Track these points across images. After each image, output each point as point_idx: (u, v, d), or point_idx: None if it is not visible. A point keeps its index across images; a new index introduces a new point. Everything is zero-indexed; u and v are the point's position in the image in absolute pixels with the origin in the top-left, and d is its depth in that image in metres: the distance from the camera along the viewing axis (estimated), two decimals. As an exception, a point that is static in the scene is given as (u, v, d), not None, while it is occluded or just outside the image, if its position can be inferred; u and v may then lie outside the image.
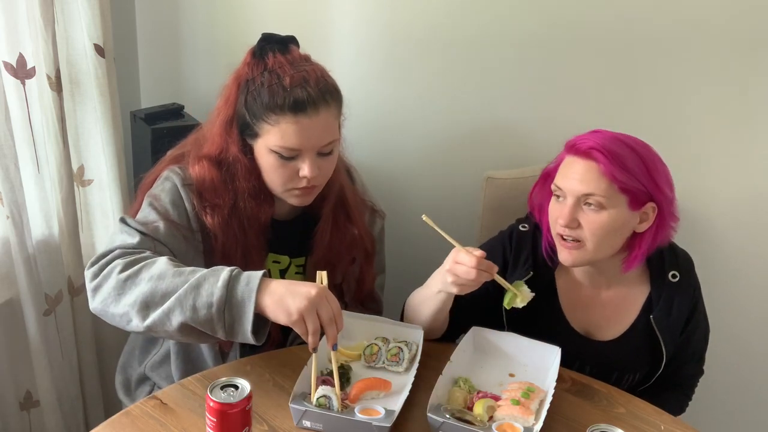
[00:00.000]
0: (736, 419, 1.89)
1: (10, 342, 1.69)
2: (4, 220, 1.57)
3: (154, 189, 1.36)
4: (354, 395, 1.19)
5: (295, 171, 1.30)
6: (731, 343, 1.83)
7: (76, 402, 1.87)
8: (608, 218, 1.28)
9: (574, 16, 1.66)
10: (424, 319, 1.35)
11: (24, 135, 1.61)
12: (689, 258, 1.46)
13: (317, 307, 1.13)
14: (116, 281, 1.18)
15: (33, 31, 1.56)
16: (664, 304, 1.39)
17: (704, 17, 1.58)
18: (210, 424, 1.03)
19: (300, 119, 1.26)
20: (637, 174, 1.27)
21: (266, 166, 1.32)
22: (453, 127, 1.83)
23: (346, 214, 1.46)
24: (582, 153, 1.28)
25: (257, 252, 1.38)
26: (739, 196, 1.70)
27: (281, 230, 1.43)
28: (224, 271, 1.16)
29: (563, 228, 1.30)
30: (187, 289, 1.14)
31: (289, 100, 1.25)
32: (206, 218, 1.33)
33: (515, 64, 1.73)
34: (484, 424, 1.14)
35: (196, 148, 1.38)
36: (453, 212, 1.86)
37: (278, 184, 1.33)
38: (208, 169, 1.34)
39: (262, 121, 1.28)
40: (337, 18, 1.82)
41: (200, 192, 1.34)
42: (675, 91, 1.65)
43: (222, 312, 1.13)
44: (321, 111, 1.28)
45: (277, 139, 1.27)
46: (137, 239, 1.25)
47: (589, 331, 1.43)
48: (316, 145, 1.29)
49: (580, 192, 1.28)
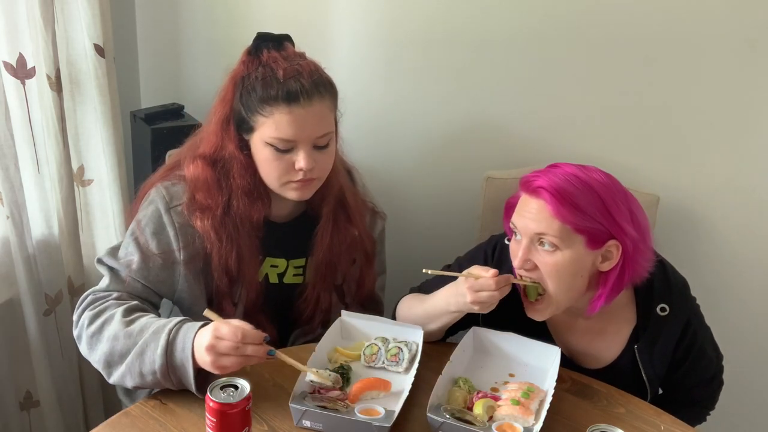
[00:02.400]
0: (737, 419, 1.89)
1: (10, 342, 1.69)
2: (4, 220, 1.57)
3: (140, 211, 1.37)
4: (354, 395, 1.19)
5: (291, 164, 1.30)
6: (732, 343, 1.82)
7: (76, 402, 1.87)
8: (563, 259, 1.21)
9: (574, 16, 1.65)
10: (429, 332, 1.35)
11: (24, 135, 1.61)
12: (684, 286, 1.37)
13: (218, 352, 1.13)
14: (86, 336, 1.27)
15: (33, 31, 1.56)
16: (649, 337, 1.33)
17: (705, 16, 1.58)
18: (210, 425, 1.03)
19: (293, 109, 1.27)
20: (593, 212, 1.20)
21: (262, 160, 1.32)
22: (453, 127, 1.83)
23: (346, 216, 1.46)
24: (531, 191, 1.23)
25: (250, 253, 1.38)
26: (739, 196, 1.70)
27: (278, 232, 1.43)
28: (162, 336, 1.19)
29: (519, 269, 1.26)
30: (133, 357, 1.20)
31: (282, 91, 1.26)
32: (196, 222, 1.33)
33: (516, 64, 1.73)
34: (484, 424, 1.14)
35: (192, 149, 1.39)
36: (453, 212, 1.87)
37: (275, 178, 1.33)
38: (203, 168, 1.34)
39: (257, 114, 1.29)
40: (337, 18, 1.82)
41: (193, 194, 1.34)
42: (675, 91, 1.65)
43: (167, 375, 1.19)
44: (314, 102, 1.28)
45: (272, 130, 1.28)
46: (107, 282, 1.34)
47: (573, 356, 1.40)
48: (311, 136, 1.30)
49: (532, 231, 1.22)
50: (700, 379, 1.42)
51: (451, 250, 1.56)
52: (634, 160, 1.70)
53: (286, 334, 1.48)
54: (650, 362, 1.34)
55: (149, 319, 1.25)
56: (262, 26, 1.89)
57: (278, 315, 1.46)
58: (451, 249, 1.56)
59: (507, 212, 1.32)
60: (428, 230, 1.95)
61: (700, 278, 1.47)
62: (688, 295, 1.37)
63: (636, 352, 1.33)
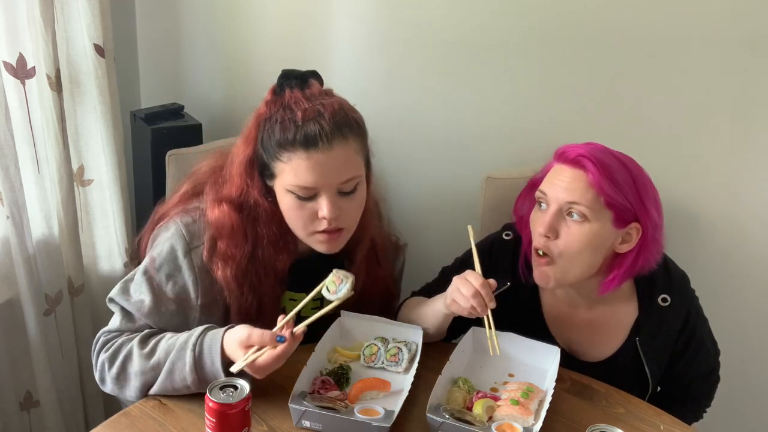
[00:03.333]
0: (737, 419, 1.89)
1: (10, 342, 1.69)
2: (4, 220, 1.57)
3: (156, 247, 1.29)
4: (353, 395, 1.19)
5: (314, 212, 1.22)
6: (732, 343, 1.82)
7: (76, 402, 1.87)
8: (590, 231, 1.22)
9: (574, 17, 1.65)
10: (428, 334, 1.34)
11: (24, 135, 1.61)
12: (685, 279, 1.39)
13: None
14: (110, 378, 1.24)
15: (33, 31, 1.56)
16: (651, 328, 1.34)
17: (704, 16, 1.57)
18: (209, 425, 1.03)
19: (312, 155, 1.18)
20: (626, 190, 1.22)
21: (286, 209, 1.25)
22: (453, 127, 1.83)
23: (376, 259, 1.41)
24: (570, 161, 1.24)
25: (273, 300, 1.33)
26: (739, 196, 1.70)
27: (302, 268, 1.34)
28: (188, 353, 1.17)
29: (540, 238, 1.25)
30: (164, 378, 1.19)
31: (299, 135, 1.18)
32: (217, 272, 1.26)
33: (516, 64, 1.73)
34: (484, 424, 1.14)
35: (215, 189, 1.30)
36: (453, 212, 1.87)
37: (300, 227, 1.25)
38: (228, 214, 1.26)
39: (277, 160, 1.21)
40: (337, 18, 1.82)
41: (215, 239, 1.27)
42: (675, 92, 1.65)
43: (198, 385, 1.18)
44: (336, 145, 1.19)
45: (291, 177, 1.20)
46: (117, 322, 1.28)
47: (573, 349, 1.39)
48: (334, 183, 1.21)
49: (564, 200, 1.22)
50: (699, 372, 1.43)
51: (451, 251, 1.56)
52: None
53: None
54: (652, 354, 1.34)
55: (168, 341, 1.21)
56: (262, 26, 1.90)
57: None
58: (451, 249, 1.56)
59: (530, 189, 1.32)
60: (428, 230, 1.94)
61: (700, 278, 1.47)
62: (688, 287, 1.38)
63: (638, 344, 1.33)
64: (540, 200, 1.28)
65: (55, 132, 1.66)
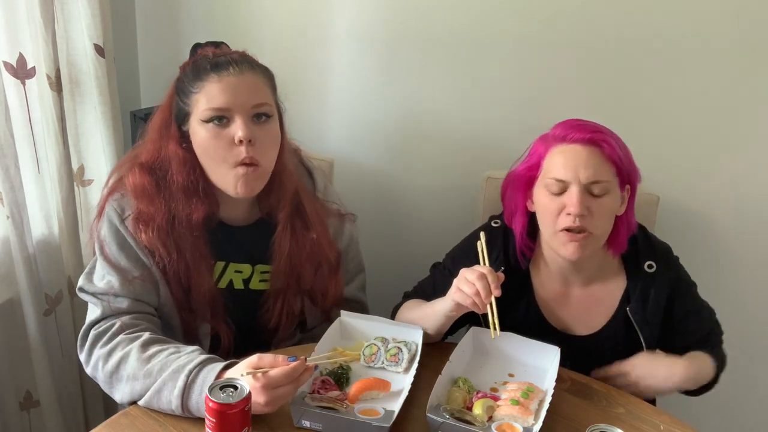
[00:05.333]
0: (737, 419, 1.89)
1: (10, 342, 1.69)
2: (4, 220, 1.57)
3: (100, 228, 1.34)
4: (353, 395, 1.19)
5: (230, 140, 1.26)
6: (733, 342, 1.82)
7: (76, 402, 1.87)
8: (612, 201, 1.29)
9: (575, 17, 1.66)
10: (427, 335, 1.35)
11: (24, 135, 1.61)
12: (666, 247, 1.43)
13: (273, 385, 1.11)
14: (103, 376, 1.25)
15: (33, 31, 1.56)
16: (640, 295, 1.36)
17: (704, 17, 1.58)
18: (209, 425, 1.03)
19: (223, 77, 1.26)
20: (624, 154, 1.30)
21: (202, 143, 1.28)
22: (453, 127, 1.83)
23: (303, 221, 1.41)
24: (579, 140, 1.28)
25: (198, 259, 1.33)
26: (739, 196, 1.70)
27: (238, 236, 1.39)
28: (181, 377, 1.15)
29: (575, 218, 1.26)
30: (152, 395, 1.18)
31: (211, 65, 1.27)
32: (141, 236, 1.30)
33: (516, 64, 1.73)
34: (484, 424, 1.14)
35: (130, 161, 1.36)
36: (453, 212, 1.87)
37: (218, 159, 1.28)
38: (140, 176, 1.31)
39: (191, 95, 1.28)
40: (337, 18, 1.82)
41: (137, 206, 1.31)
42: (675, 92, 1.65)
43: (184, 411, 1.16)
44: (245, 72, 1.27)
45: (204, 102, 1.26)
46: (100, 310, 1.29)
47: (566, 326, 1.42)
48: (246, 104, 1.26)
49: (587, 179, 1.26)
50: (698, 338, 1.41)
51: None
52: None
53: (259, 340, 1.42)
54: (644, 320, 1.36)
55: (169, 356, 1.20)
56: (262, 26, 1.90)
57: (248, 321, 1.41)
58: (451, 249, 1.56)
59: (523, 181, 1.36)
60: (428, 230, 1.94)
61: (700, 278, 1.47)
62: (671, 254, 1.43)
63: (629, 312, 1.36)
64: (553, 189, 1.29)
65: (55, 132, 1.66)
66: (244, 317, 1.41)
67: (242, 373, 1.11)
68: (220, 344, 1.37)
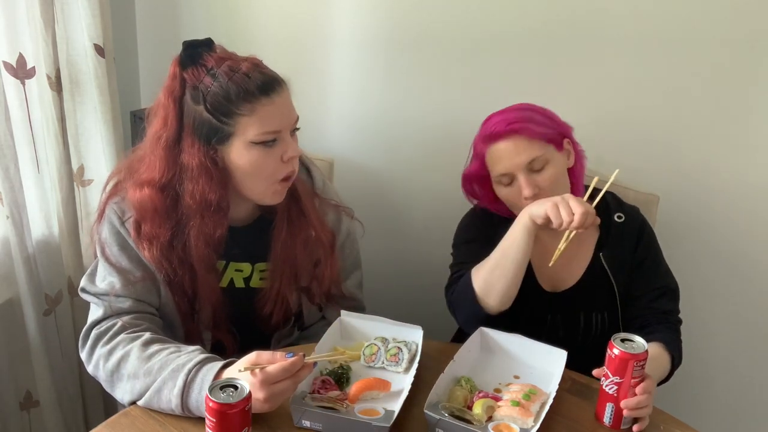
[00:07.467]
0: (737, 419, 1.89)
1: (10, 342, 1.69)
2: (4, 220, 1.57)
3: (101, 230, 1.33)
4: (353, 395, 1.19)
5: (278, 158, 1.27)
6: (731, 342, 1.83)
7: (76, 402, 1.87)
8: (555, 169, 1.41)
9: (574, 17, 1.66)
10: (520, 263, 1.38)
11: (24, 135, 1.61)
12: (635, 207, 1.53)
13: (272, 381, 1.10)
14: (104, 374, 1.25)
15: (33, 31, 1.56)
16: (612, 241, 1.48)
17: (704, 16, 1.58)
18: (209, 425, 1.03)
19: (273, 99, 1.25)
20: (545, 122, 1.42)
21: (250, 165, 1.26)
22: (453, 127, 1.83)
23: (300, 212, 1.41)
24: (503, 134, 1.40)
25: (211, 269, 1.34)
26: (739, 196, 1.70)
27: (238, 237, 1.38)
28: (180, 376, 1.15)
29: (530, 199, 1.38)
30: (152, 393, 1.18)
31: (256, 85, 1.23)
32: (144, 252, 1.30)
33: (516, 64, 1.73)
34: (482, 423, 1.14)
35: (134, 175, 1.31)
36: (453, 212, 1.87)
37: (264, 178, 1.28)
38: (150, 195, 1.27)
39: (237, 117, 1.23)
40: (337, 18, 1.82)
41: (139, 223, 1.29)
42: (675, 91, 1.65)
43: (183, 411, 1.16)
44: (283, 87, 1.28)
45: (257, 127, 1.24)
46: (102, 311, 1.29)
47: (554, 284, 1.50)
48: (291, 122, 1.29)
49: (523, 163, 1.39)
50: (662, 286, 1.47)
51: (451, 250, 1.56)
52: (634, 160, 1.70)
53: (260, 340, 1.43)
54: (615, 264, 1.46)
55: (169, 355, 1.20)
56: (262, 27, 1.90)
57: (249, 320, 1.41)
58: (451, 248, 1.56)
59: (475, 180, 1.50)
60: (427, 230, 1.94)
61: (700, 278, 1.47)
62: (638, 210, 1.54)
63: (602, 258, 1.46)
64: (502, 181, 1.44)
65: (55, 132, 1.66)
66: (245, 315, 1.41)
67: (240, 368, 1.11)
68: (224, 351, 1.37)
